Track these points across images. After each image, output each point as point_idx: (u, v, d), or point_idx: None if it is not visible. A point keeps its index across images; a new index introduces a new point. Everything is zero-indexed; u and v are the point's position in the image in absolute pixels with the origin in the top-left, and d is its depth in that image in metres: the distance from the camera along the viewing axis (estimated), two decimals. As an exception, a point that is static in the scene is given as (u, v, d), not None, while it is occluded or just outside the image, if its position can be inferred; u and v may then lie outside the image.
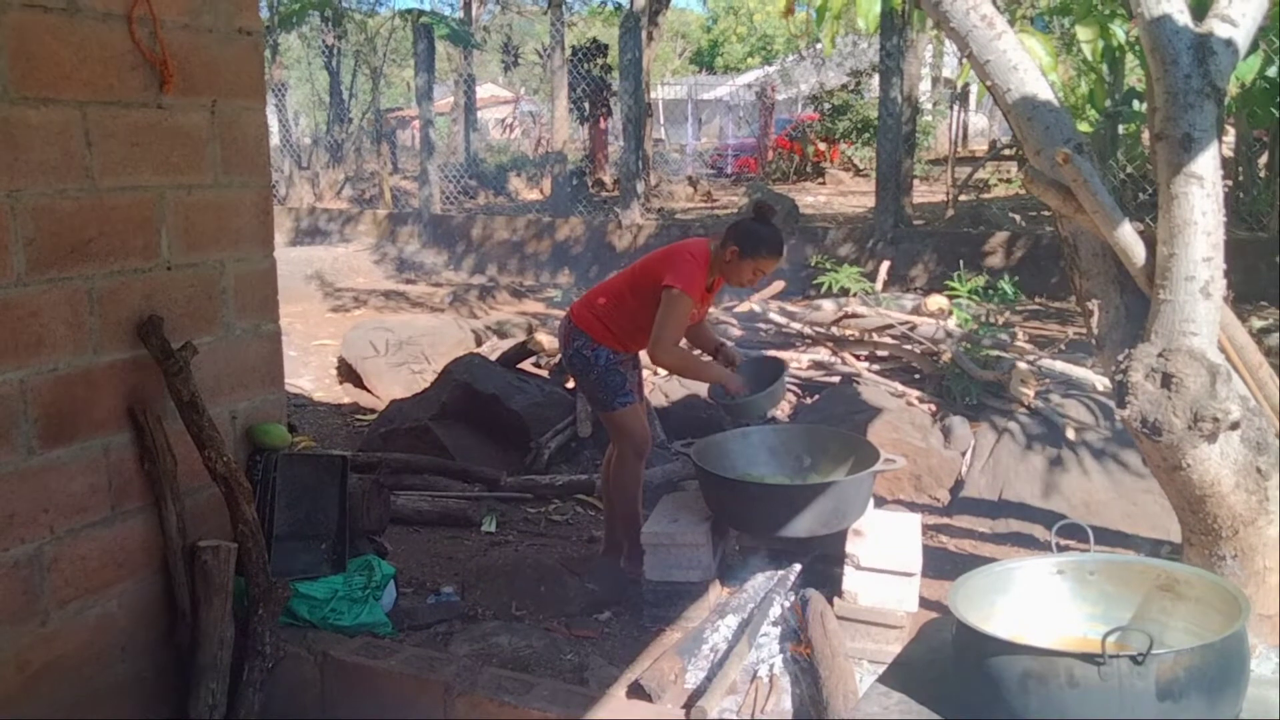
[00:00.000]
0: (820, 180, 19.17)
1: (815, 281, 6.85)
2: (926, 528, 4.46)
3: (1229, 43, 3.03)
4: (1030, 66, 3.36)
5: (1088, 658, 1.49)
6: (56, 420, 2.70)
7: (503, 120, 24.97)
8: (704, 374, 3.98)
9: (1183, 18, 3.02)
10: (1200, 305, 3.02)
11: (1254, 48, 7.09)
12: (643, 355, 4.05)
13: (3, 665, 2.61)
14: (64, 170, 2.69)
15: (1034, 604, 1.83)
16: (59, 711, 2.74)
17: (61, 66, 2.66)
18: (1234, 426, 2.97)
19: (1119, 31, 5.34)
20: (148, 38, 2.86)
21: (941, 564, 3.99)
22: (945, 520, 4.58)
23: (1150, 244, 3.11)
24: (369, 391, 7.13)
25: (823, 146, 19.94)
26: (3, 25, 2.51)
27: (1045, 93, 3.32)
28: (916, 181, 13.56)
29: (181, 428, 2.95)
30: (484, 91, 26.69)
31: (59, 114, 2.66)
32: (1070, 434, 4.70)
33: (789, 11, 4.68)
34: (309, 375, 7.76)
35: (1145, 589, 1.77)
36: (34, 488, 2.66)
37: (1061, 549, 2.03)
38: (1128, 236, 3.10)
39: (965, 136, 20.01)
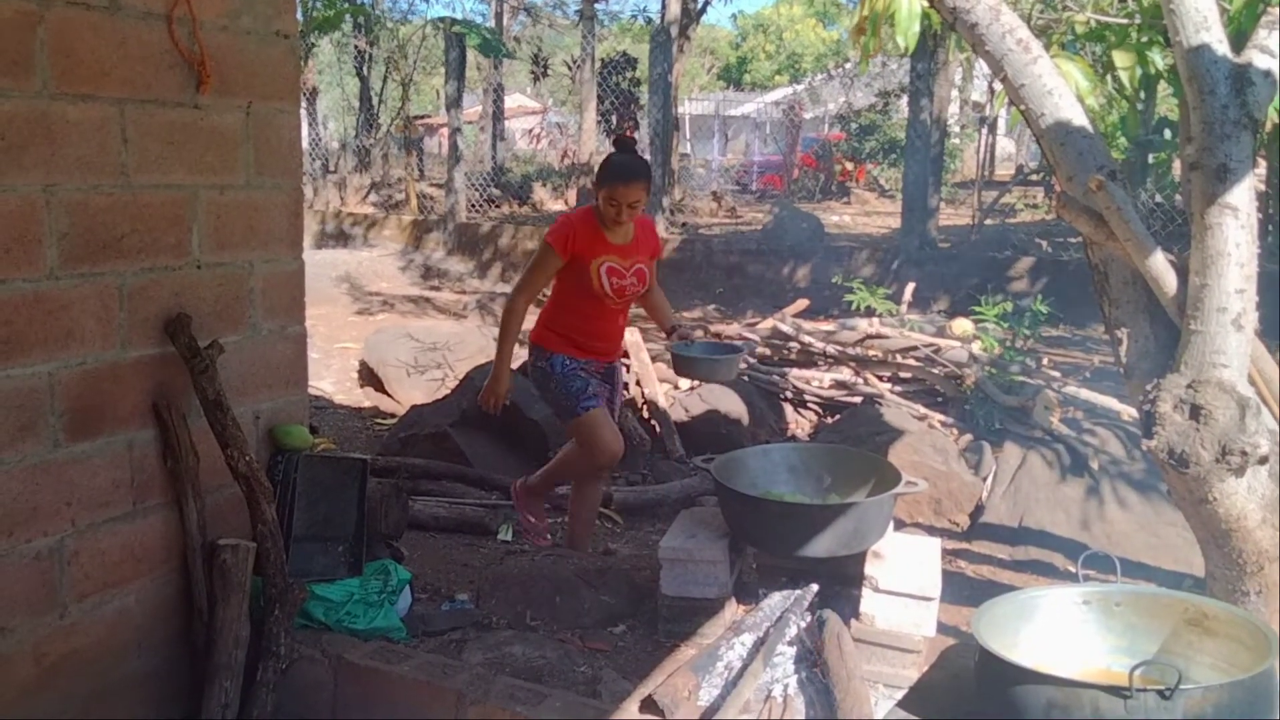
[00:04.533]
0: (845, 200, 19.16)
1: (845, 300, 6.83)
2: (945, 552, 4.42)
3: (1268, 74, 3.01)
4: (1065, 92, 3.35)
5: (1114, 690, 1.47)
6: (82, 414, 2.72)
7: (530, 130, 25.07)
8: (502, 348, 3.97)
9: (1221, 47, 3.01)
10: (1232, 337, 2.99)
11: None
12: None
13: (21, 657, 2.62)
14: (100, 166, 2.70)
15: (1058, 633, 1.81)
16: (74, 705, 2.75)
17: (101, 63, 2.68)
18: (1263, 461, 2.93)
19: (1157, 59, 5.31)
20: (186, 38, 2.88)
21: (960, 590, 3.95)
22: (964, 545, 4.54)
23: (1180, 273, 3.09)
24: (390, 396, 7.15)
25: (849, 166, 19.92)
26: (45, 21, 2.54)
27: (1080, 118, 3.31)
28: (943, 204, 13.53)
29: (205, 426, 2.96)
30: (512, 101, 26.83)
31: (97, 110, 2.69)
32: (1094, 463, 4.66)
33: (860, 31, 4.64)
34: (330, 378, 7.79)
35: (1173, 622, 1.75)
36: (58, 481, 2.67)
37: (1086, 579, 2.00)
38: (1159, 265, 3.08)
39: (992, 161, 19.96)
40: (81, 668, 2.77)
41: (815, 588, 3.50)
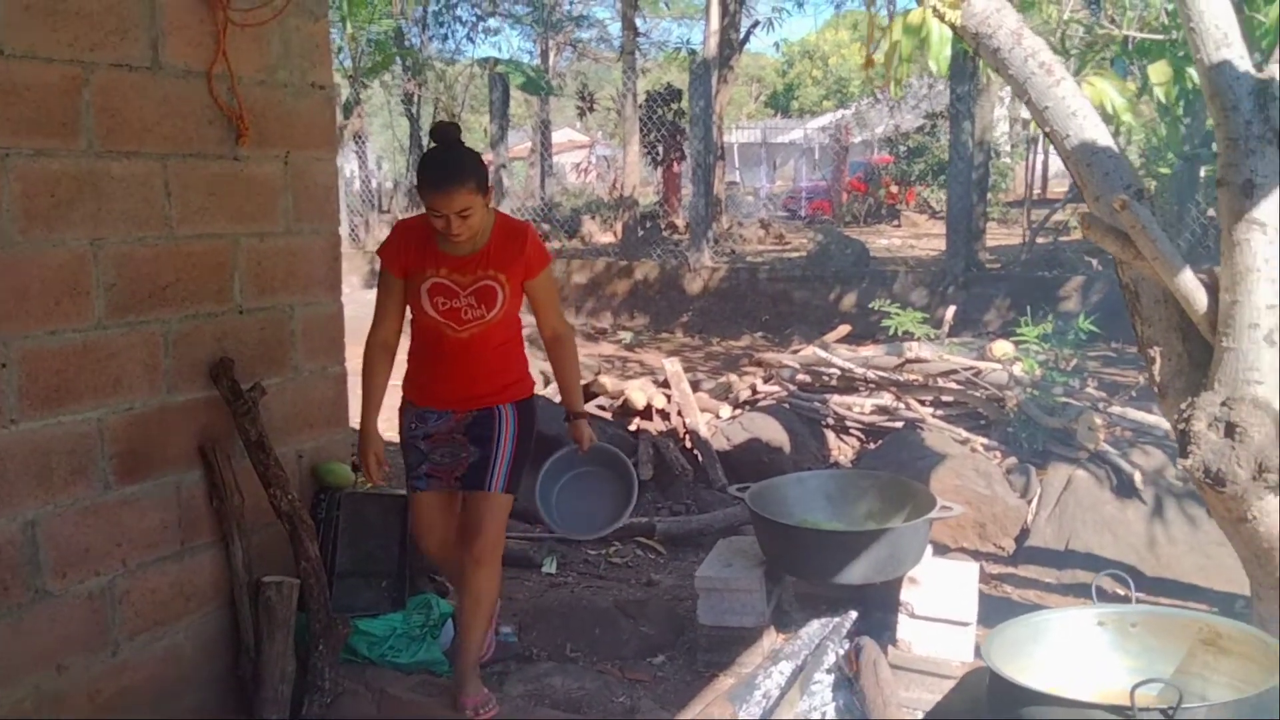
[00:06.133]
0: (895, 223, 19.08)
1: (883, 325, 6.82)
2: (991, 577, 4.39)
3: (1292, 88, 2.99)
4: (1090, 112, 3.35)
5: (1117, 710, 1.47)
6: (131, 457, 2.83)
7: (578, 164, 25.34)
8: (363, 395, 3.16)
9: (1243, 63, 2.99)
10: (1265, 353, 2.96)
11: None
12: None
13: (75, 694, 2.71)
14: (144, 219, 2.83)
15: (1074, 655, 1.81)
16: (126, 740, 2.84)
17: (144, 121, 2.81)
18: (1301, 478, 2.89)
19: (1194, 73, 5.27)
20: (225, 93, 3.01)
21: (1006, 614, 3.85)
22: (1010, 570, 4.49)
23: (1213, 290, 3.07)
24: (438, 431, 7.24)
25: (895, 190, 19.84)
26: (90, 84, 2.67)
27: (1104, 139, 3.31)
28: (994, 224, 13.41)
29: (249, 465, 3.06)
30: (561, 136, 27.17)
31: (141, 166, 2.81)
32: (1139, 483, 4.59)
33: (869, 64, 4.69)
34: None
35: (1188, 642, 1.75)
36: (109, 522, 2.78)
37: (1113, 597, 2.00)
38: (1188, 283, 3.06)
39: (1045, 179, 19.76)
40: (133, 704, 2.87)
41: (854, 615, 3.50)
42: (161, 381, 2.90)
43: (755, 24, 20.72)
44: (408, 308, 3.10)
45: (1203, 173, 10.39)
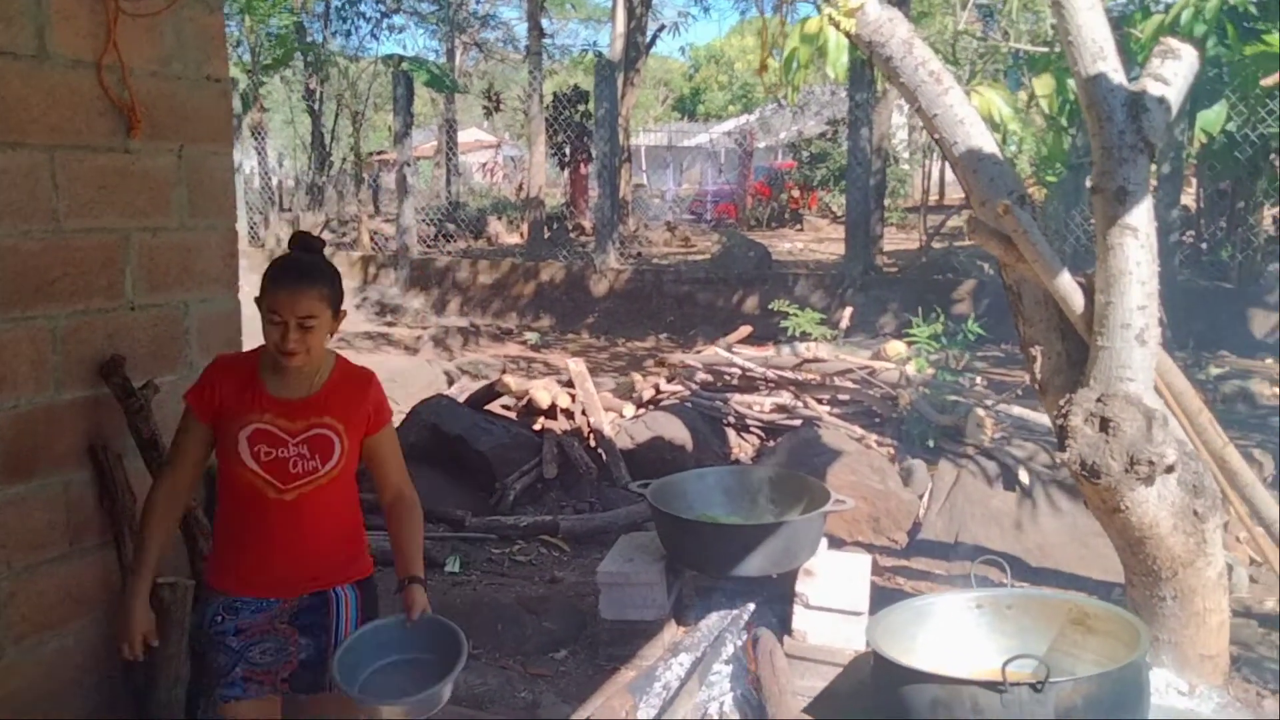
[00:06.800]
0: (798, 227, 19.42)
1: (782, 325, 6.96)
2: (884, 569, 4.52)
3: (1161, 100, 3.16)
4: (976, 120, 3.49)
5: (990, 685, 1.56)
6: (17, 456, 2.74)
7: (484, 164, 25.20)
8: (135, 558, 2.55)
9: (1117, 76, 3.16)
10: (1136, 352, 3.12)
11: (1217, 99, 7.31)
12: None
13: (-45, 699, 2.63)
14: (30, 212, 2.74)
15: (953, 637, 1.90)
16: (11, 747, 2.76)
17: (30, 111, 2.73)
18: (1170, 470, 3.06)
19: (1075, 86, 5.52)
20: (116, 84, 2.94)
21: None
22: (903, 562, 4.64)
23: (1089, 292, 3.23)
24: (339, 432, 7.15)
25: (798, 194, 20.21)
26: (-28, 72, 2.59)
27: (990, 146, 3.45)
28: (893, 229, 13.77)
29: (141, 466, 2.99)
30: (468, 136, 26.96)
31: (26, 157, 2.73)
32: (1024, 477, 4.78)
33: (764, 69, 4.80)
34: (281, 416, 7.77)
35: (1059, 623, 1.85)
36: (3, 517, 2.69)
37: (994, 583, 2.10)
38: (1066, 285, 3.21)
39: (943, 185, 20.33)
40: (20, 709, 2.78)
41: (751, 607, 3.58)
42: (49, 378, 2.82)
43: (661, 28, 20.90)
44: (212, 465, 2.52)
45: (1087, 182, 10.83)
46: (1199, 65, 3.33)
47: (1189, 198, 10.92)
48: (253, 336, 3.46)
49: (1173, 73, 3.24)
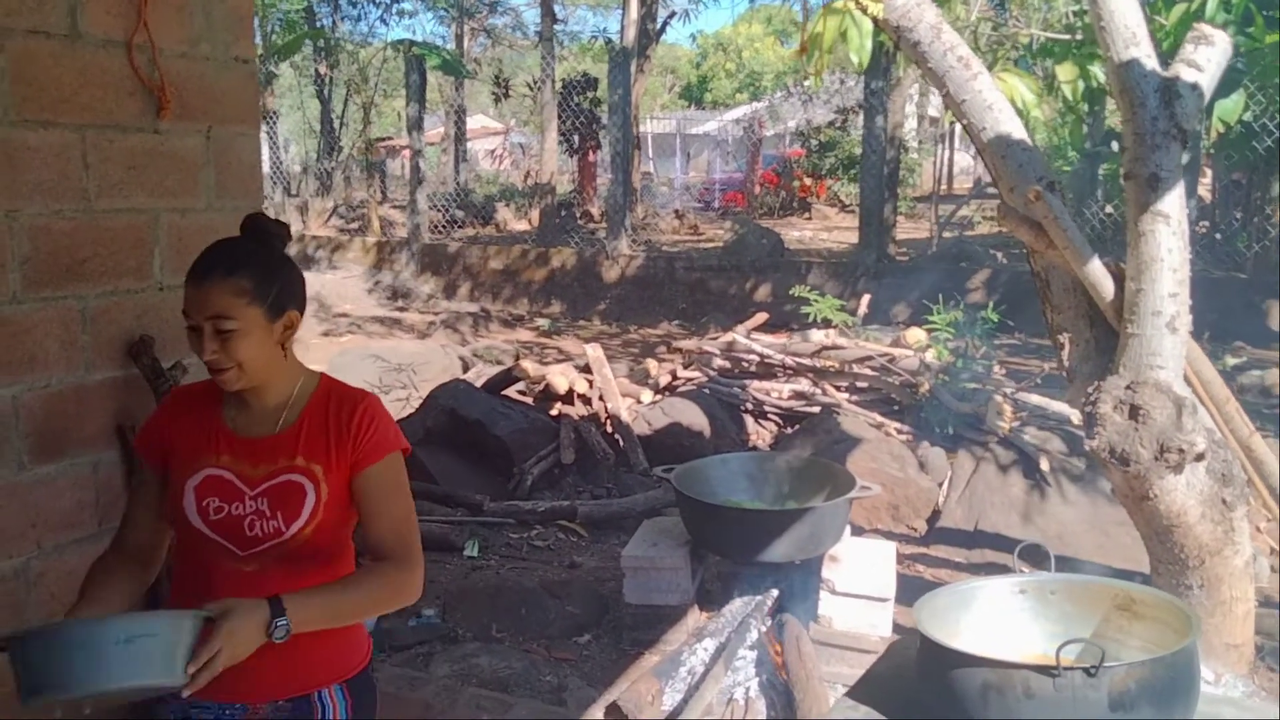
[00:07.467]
0: (806, 216, 19.38)
1: (803, 311, 6.95)
2: (904, 557, 4.52)
3: (1194, 86, 3.14)
4: (1005, 106, 3.47)
5: (1043, 669, 1.55)
6: (47, 436, 2.74)
7: (492, 151, 25.16)
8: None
9: (1150, 62, 3.13)
10: (1166, 339, 3.11)
11: (1235, 88, 7.28)
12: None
13: (-13, 678, 2.63)
14: (61, 191, 2.74)
15: (997, 622, 1.89)
16: (41, 726, 2.76)
17: (61, 90, 2.72)
18: (1199, 458, 3.05)
19: (1099, 72, 5.48)
20: (146, 64, 2.93)
21: (918, 593, 3.97)
22: (922, 550, 4.64)
23: (1119, 279, 3.21)
24: (354, 416, 7.15)
25: (808, 182, 20.17)
26: (6, 50, 2.58)
27: (1019, 132, 3.43)
28: (901, 218, 13.74)
29: (170, 446, 2.99)
30: (474, 122, 26.93)
31: (58, 136, 2.72)
32: (1044, 465, 4.78)
33: (804, 50, 4.75)
34: (295, 400, 7.78)
35: (1104, 608, 1.84)
36: (23, 503, 2.69)
37: (1024, 572, 2.09)
38: (1097, 272, 3.19)
39: (950, 175, 20.29)
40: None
41: (775, 592, 3.58)
42: (79, 358, 2.81)
43: (672, 14, 20.82)
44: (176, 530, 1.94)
45: (1101, 170, 10.80)
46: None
47: (1204, 188, 10.89)
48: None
49: (1206, 59, 3.21)
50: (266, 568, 1.85)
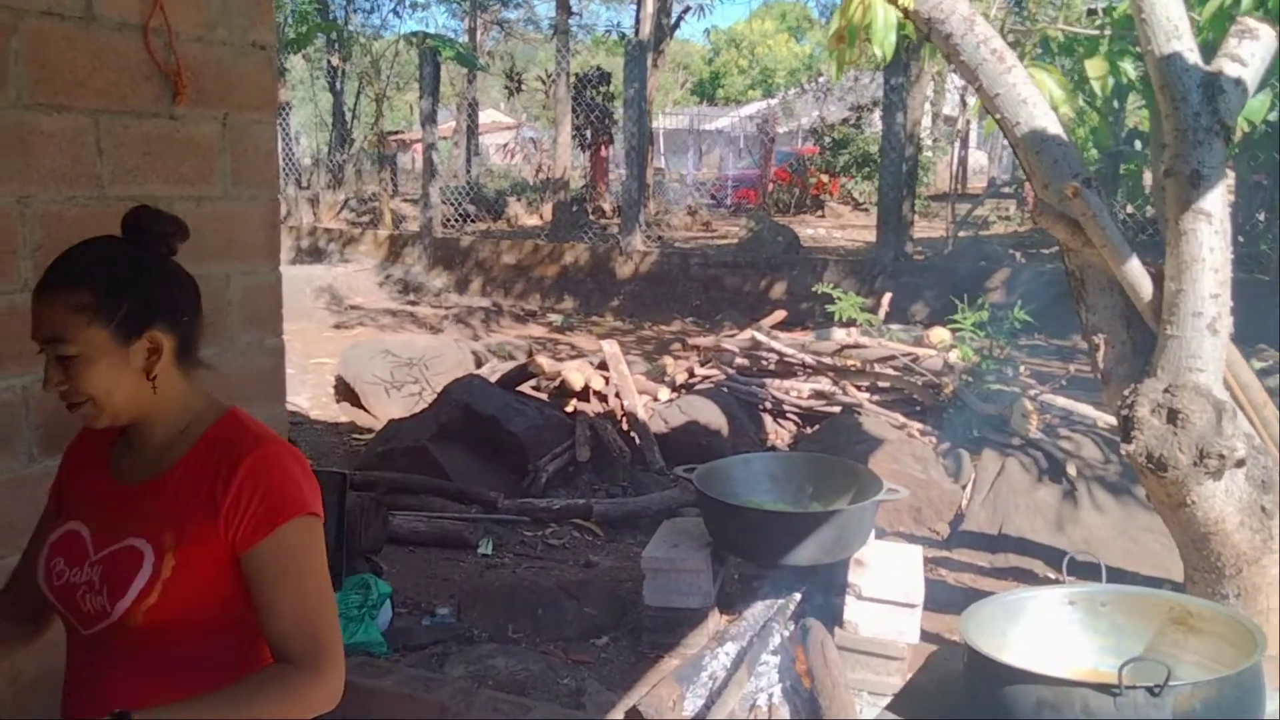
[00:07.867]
0: (820, 213, 19.26)
1: (827, 310, 6.86)
2: (926, 561, 4.42)
3: (1238, 81, 3.05)
4: (1039, 100, 3.38)
5: (1104, 688, 1.47)
6: (57, 428, 2.68)
7: (504, 145, 25.08)
8: None
9: (1192, 56, 3.05)
10: (1207, 341, 3.02)
11: (1263, 86, 7.14)
12: None
13: (-7, 676, 2.57)
14: (74, 177, 2.67)
15: (1045, 634, 1.82)
16: (49, 724, 2.70)
17: (76, 74, 2.66)
18: (1239, 464, 2.96)
19: (1129, 69, 5.38)
20: (162, 48, 2.86)
21: (941, 597, 3.95)
22: (945, 553, 4.55)
23: (1156, 279, 3.12)
24: (366, 411, 7.10)
25: (823, 179, 20.05)
26: (19, 32, 2.51)
27: (1054, 127, 3.34)
28: (916, 217, 13.62)
29: (182, 439, 2.92)
30: (486, 117, 26.83)
31: (72, 121, 2.66)
32: (1071, 469, 4.69)
33: (840, 39, 4.64)
34: (306, 393, 7.74)
35: (1158, 621, 1.76)
36: (33, 495, 2.61)
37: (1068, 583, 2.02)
38: (1135, 271, 3.11)
39: (965, 174, 20.15)
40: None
41: (798, 596, 3.51)
42: (91, 349, 2.75)
43: (687, 9, 20.72)
44: None
45: (1121, 169, 10.68)
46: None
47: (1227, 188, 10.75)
48: (290, 312, 3.39)
49: (1250, 53, 3.12)
50: (115, 660, 1.49)
